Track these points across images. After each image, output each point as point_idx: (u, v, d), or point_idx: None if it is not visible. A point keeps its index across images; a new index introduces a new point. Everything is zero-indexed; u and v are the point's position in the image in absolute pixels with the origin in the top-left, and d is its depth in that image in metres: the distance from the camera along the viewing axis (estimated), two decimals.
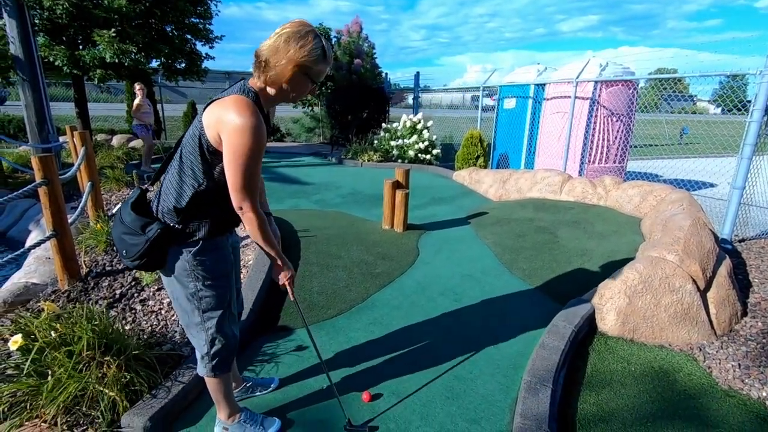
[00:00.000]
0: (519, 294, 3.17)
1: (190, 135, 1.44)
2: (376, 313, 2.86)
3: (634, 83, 6.93)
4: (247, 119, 1.30)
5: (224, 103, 1.34)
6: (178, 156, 1.47)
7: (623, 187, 4.72)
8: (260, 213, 1.44)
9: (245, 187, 1.37)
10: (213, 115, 1.35)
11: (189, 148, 1.43)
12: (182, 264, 1.50)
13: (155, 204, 1.52)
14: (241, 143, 1.31)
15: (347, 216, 5.07)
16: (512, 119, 8.08)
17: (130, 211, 1.48)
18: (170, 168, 1.51)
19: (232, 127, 1.30)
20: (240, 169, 1.34)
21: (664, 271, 2.76)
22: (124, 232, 1.48)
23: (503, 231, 4.43)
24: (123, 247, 1.49)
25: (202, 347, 1.61)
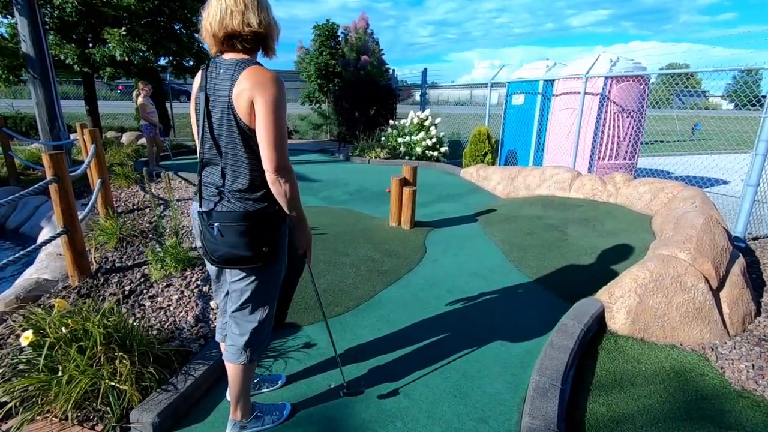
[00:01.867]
0: (527, 292, 3.15)
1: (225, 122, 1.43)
2: (383, 310, 2.85)
3: (646, 79, 6.82)
4: (270, 73, 1.37)
5: (251, 75, 1.36)
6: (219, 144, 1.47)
7: (634, 185, 4.66)
8: (293, 172, 1.45)
9: (283, 142, 1.38)
10: (247, 92, 1.36)
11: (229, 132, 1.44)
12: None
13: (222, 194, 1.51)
14: (271, 97, 1.34)
15: (354, 213, 5.07)
16: (521, 116, 8.00)
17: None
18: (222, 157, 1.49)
19: (266, 84, 1.34)
20: (277, 123, 1.35)
21: (675, 270, 2.72)
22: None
23: (511, 229, 4.40)
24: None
25: (248, 333, 1.63)
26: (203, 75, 1.46)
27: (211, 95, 1.43)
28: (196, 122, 1.52)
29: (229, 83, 1.38)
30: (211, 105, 1.43)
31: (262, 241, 1.48)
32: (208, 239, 1.48)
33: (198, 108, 1.49)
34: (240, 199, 1.47)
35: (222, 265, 1.52)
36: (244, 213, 1.45)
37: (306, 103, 13.45)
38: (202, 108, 1.44)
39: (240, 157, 1.44)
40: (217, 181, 1.49)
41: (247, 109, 1.36)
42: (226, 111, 1.40)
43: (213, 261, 1.51)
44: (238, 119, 1.39)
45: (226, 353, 1.68)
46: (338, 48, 12.12)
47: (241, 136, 1.41)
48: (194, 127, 1.55)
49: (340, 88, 11.99)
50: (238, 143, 1.42)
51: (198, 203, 1.53)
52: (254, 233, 1.46)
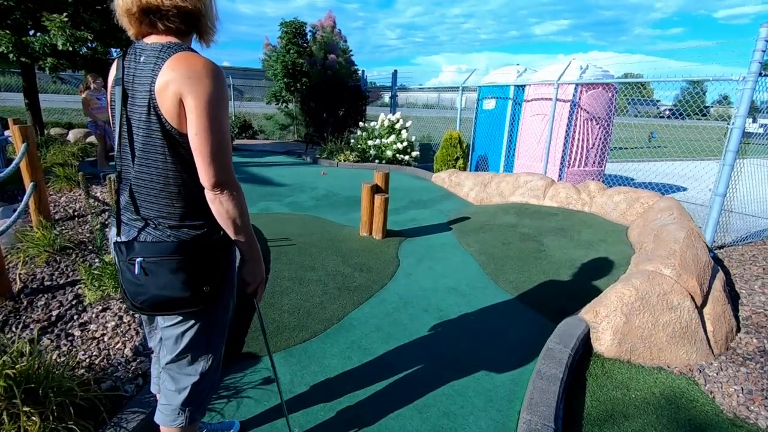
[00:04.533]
0: (508, 309, 2.95)
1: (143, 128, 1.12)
2: (354, 334, 2.57)
3: (614, 87, 6.89)
4: (205, 61, 1.08)
5: (179, 64, 1.06)
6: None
7: (608, 193, 4.60)
8: (240, 187, 1.17)
9: (224, 151, 1.10)
10: (173, 86, 1.06)
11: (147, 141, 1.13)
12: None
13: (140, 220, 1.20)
14: (207, 93, 1.06)
15: (322, 221, 4.76)
16: (492, 120, 7.93)
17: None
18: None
19: (201, 77, 1.05)
20: (214, 127, 1.07)
21: (661, 287, 2.59)
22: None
23: (487, 238, 4.23)
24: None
25: (186, 388, 1.31)
26: (119, 65, 1.15)
27: (130, 90, 1.12)
28: (113, 125, 1.19)
29: (150, 74, 1.07)
30: (130, 103, 1.12)
31: (203, 278, 1.17)
32: (128, 279, 1.15)
33: (114, 107, 1.17)
34: (171, 226, 1.16)
35: (148, 312, 1.18)
36: (177, 244, 1.14)
37: (272, 102, 12.96)
38: (119, 107, 1.13)
39: (169, 170, 1.13)
40: (142, 202, 1.17)
41: (174, 108, 1.07)
42: (146, 110, 1.09)
43: (135, 307, 1.17)
44: (162, 121, 1.08)
45: (159, 414, 1.35)
46: (306, 46, 11.74)
47: (168, 143, 1.11)
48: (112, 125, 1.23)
49: (307, 87, 11.60)
50: (163, 152, 1.11)
51: (116, 230, 1.21)
52: (192, 269, 1.15)
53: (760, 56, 4.20)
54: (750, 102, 4.35)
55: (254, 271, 1.28)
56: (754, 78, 4.26)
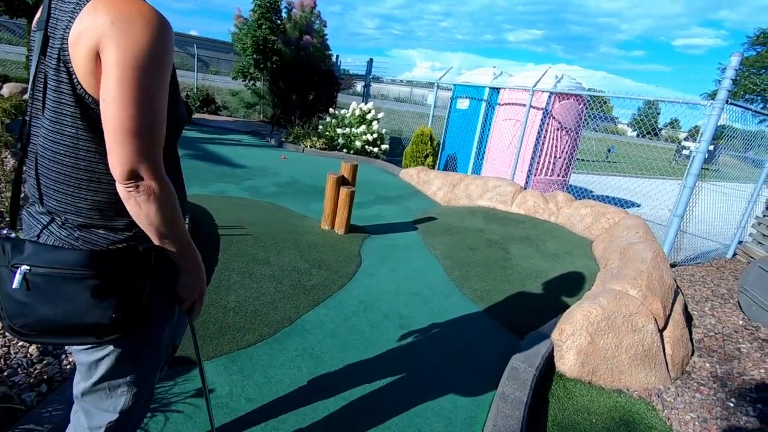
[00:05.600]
0: (471, 320, 2.82)
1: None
2: (307, 341, 2.33)
3: (585, 99, 6.97)
4: (143, 5, 0.79)
5: (103, 6, 0.77)
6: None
7: (575, 206, 4.60)
8: (169, 183, 0.85)
9: (147, 129, 0.79)
10: (91, 35, 0.77)
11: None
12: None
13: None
14: (137, 45, 0.76)
15: (282, 210, 4.45)
16: (464, 121, 7.84)
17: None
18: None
19: (130, 21, 0.76)
20: (139, 92, 0.77)
21: (627, 308, 2.54)
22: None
23: (453, 242, 4.09)
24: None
25: (101, 428, 1.01)
26: (45, 4, 0.85)
27: (51, 37, 0.82)
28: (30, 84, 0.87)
29: (68, 17, 0.79)
30: (49, 54, 0.82)
31: (120, 300, 0.86)
32: (5, 292, 0.83)
33: (31, 58, 0.86)
34: (81, 225, 0.87)
35: (33, 339, 0.87)
36: (87, 253, 0.85)
37: (239, 78, 12.28)
38: (35, 58, 0.84)
39: (80, 149, 0.84)
40: (46, 189, 0.88)
41: (88, 65, 0.78)
42: (55, 64, 0.80)
43: (17, 332, 0.85)
44: (74, 81, 0.80)
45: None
46: (280, 23, 11.16)
47: (80, 112, 0.82)
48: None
49: (278, 66, 11.05)
50: (74, 123, 0.82)
51: (9, 223, 0.92)
52: (105, 288, 0.84)
53: (729, 84, 4.30)
54: (715, 128, 4.46)
55: (189, 285, 1.00)
56: (720, 105, 4.36)
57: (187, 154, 6.38)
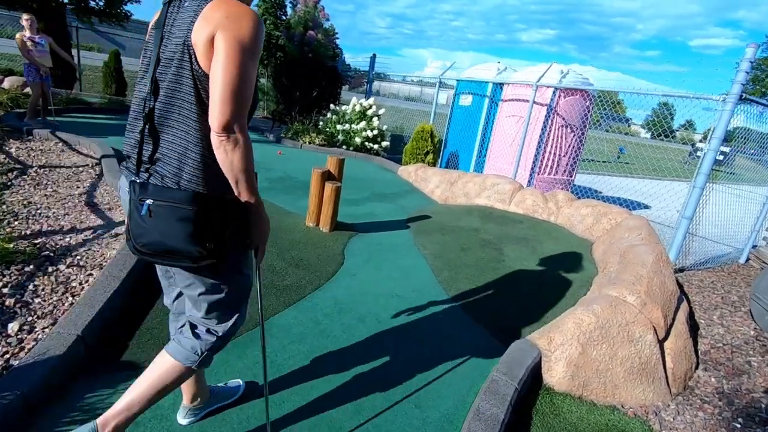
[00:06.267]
0: (454, 325, 2.62)
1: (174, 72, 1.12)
2: (269, 345, 2.16)
3: (591, 96, 6.71)
4: (249, 9, 1.10)
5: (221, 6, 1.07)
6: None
7: (576, 205, 4.36)
8: (249, 139, 1.11)
9: (241, 94, 1.05)
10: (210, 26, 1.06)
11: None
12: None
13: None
14: (241, 33, 1.05)
15: (268, 205, 4.27)
16: (467, 117, 7.62)
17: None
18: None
19: (239, 18, 1.06)
20: (238, 67, 1.04)
21: (624, 317, 2.32)
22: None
23: (445, 241, 3.89)
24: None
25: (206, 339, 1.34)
26: (162, 11, 1.17)
27: (166, 35, 1.14)
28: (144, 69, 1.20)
29: (191, 17, 1.08)
30: (163, 46, 1.13)
31: (209, 234, 1.13)
32: (134, 219, 1.12)
33: (150, 49, 1.17)
34: (189, 173, 1.14)
35: (148, 257, 1.14)
36: (192, 193, 1.12)
37: None
38: (155, 50, 1.14)
39: (192, 116, 1.12)
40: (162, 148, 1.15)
41: (205, 50, 1.06)
42: (179, 50, 1.09)
43: (136, 250, 1.14)
44: (193, 60, 1.08)
45: (173, 347, 1.34)
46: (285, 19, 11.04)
47: (195, 86, 1.10)
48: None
49: (281, 62, 10.93)
50: (190, 97, 1.11)
51: (134, 171, 1.18)
52: (200, 222, 1.11)
53: (743, 77, 4.03)
54: (727, 124, 4.19)
55: (257, 229, 1.24)
56: (734, 100, 4.09)
57: None
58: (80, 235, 2.85)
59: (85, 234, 2.87)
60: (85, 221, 3.10)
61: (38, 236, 2.76)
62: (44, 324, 1.95)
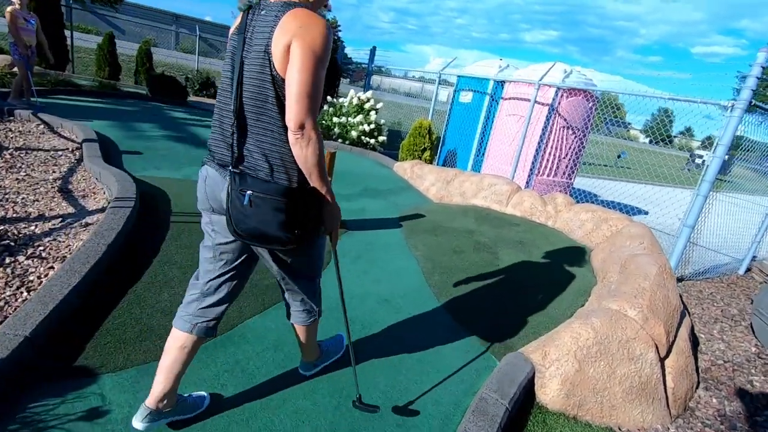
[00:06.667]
0: (444, 334, 2.46)
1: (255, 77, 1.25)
2: (243, 351, 1.99)
3: (594, 98, 6.55)
4: (321, 19, 1.21)
5: (296, 17, 1.19)
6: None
7: (575, 210, 4.20)
8: (320, 135, 1.25)
9: (313, 96, 1.19)
10: (287, 35, 1.18)
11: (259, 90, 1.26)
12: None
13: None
14: (314, 42, 1.18)
15: None
16: (466, 115, 7.44)
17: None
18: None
19: (311, 27, 1.18)
20: (311, 72, 1.17)
21: (624, 333, 2.17)
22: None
23: (438, 242, 3.73)
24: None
25: (311, 297, 1.65)
26: (243, 17, 1.29)
27: (248, 40, 1.26)
28: (229, 70, 1.32)
29: (270, 25, 1.20)
30: (246, 51, 1.26)
31: (297, 222, 1.30)
32: (236, 207, 1.26)
33: (232, 53, 1.31)
34: (275, 167, 1.28)
35: (247, 240, 1.30)
36: (283, 187, 1.27)
37: None
38: (239, 54, 1.27)
39: (268, 115, 1.26)
40: (250, 143, 1.29)
41: (282, 56, 1.19)
42: (261, 57, 1.22)
43: (237, 234, 1.29)
44: (272, 66, 1.21)
45: (297, 317, 1.68)
46: None
47: (275, 89, 1.23)
48: (223, 77, 1.38)
49: None
50: (269, 97, 1.24)
51: (230, 164, 1.30)
52: (290, 212, 1.27)
53: (753, 83, 3.88)
54: (735, 131, 4.04)
55: (330, 215, 1.39)
56: (743, 106, 3.94)
57: (166, 135, 6.04)
58: (47, 223, 2.67)
59: (53, 222, 2.69)
60: (55, 209, 2.91)
61: (1, 223, 2.57)
62: None
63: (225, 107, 1.31)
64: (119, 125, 6.14)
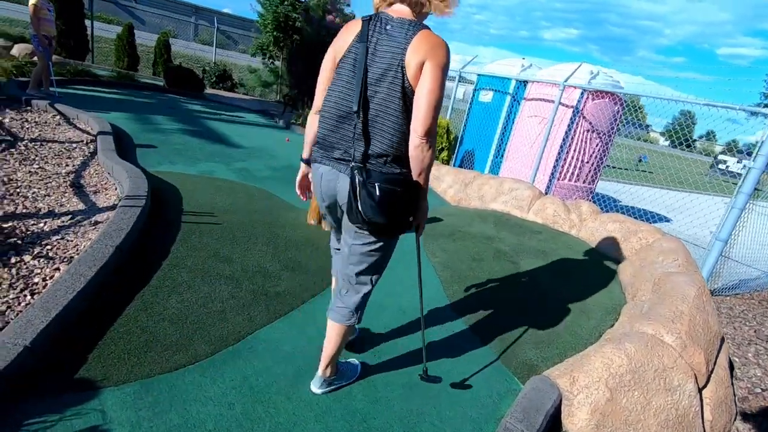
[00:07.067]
0: (463, 351, 2.32)
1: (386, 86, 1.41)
2: (252, 366, 1.88)
3: (622, 100, 6.30)
4: (444, 41, 1.40)
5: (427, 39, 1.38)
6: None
7: (602, 219, 4.00)
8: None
9: (438, 108, 1.39)
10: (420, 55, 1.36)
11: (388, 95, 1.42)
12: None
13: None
14: (442, 62, 1.37)
15: (269, 197, 4.00)
16: (486, 115, 7.24)
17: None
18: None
19: (440, 48, 1.38)
20: (440, 88, 1.37)
21: (661, 361, 2.00)
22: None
23: (456, 249, 3.58)
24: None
25: (360, 296, 1.68)
26: (363, 27, 1.44)
27: (371, 48, 1.42)
28: (331, 70, 1.52)
29: (402, 44, 1.38)
30: (370, 59, 1.42)
31: (410, 210, 1.50)
32: (365, 198, 1.39)
33: (353, 59, 1.45)
34: (392, 161, 1.45)
35: (366, 226, 1.46)
36: (402, 179, 1.44)
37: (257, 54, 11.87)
38: (362, 60, 1.42)
39: (399, 119, 1.42)
40: (374, 141, 1.44)
41: (415, 72, 1.36)
42: (393, 69, 1.39)
43: (363, 221, 1.43)
44: (405, 79, 1.38)
45: (335, 314, 1.69)
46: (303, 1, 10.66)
47: (403, 97, 1.40)
48: (323, 77, 1.55)
49: (296, 46, 10.58)
50: (399, 105, 1.41)
51: (354, 158, 1.45)
52: (406, 201, 1.46)
53: None
54: None
55: (422, 209, 1.56)
56: None
57: (181, 129, 5.99)
58: (56, 220, 2.60)
59: (62, 219, 2.61)
60: (65, 205, 2.84)
61: (10, 219, 2.50)
62: None
63: (343, 108, 1.45)
64: (135, 117, 6.11)
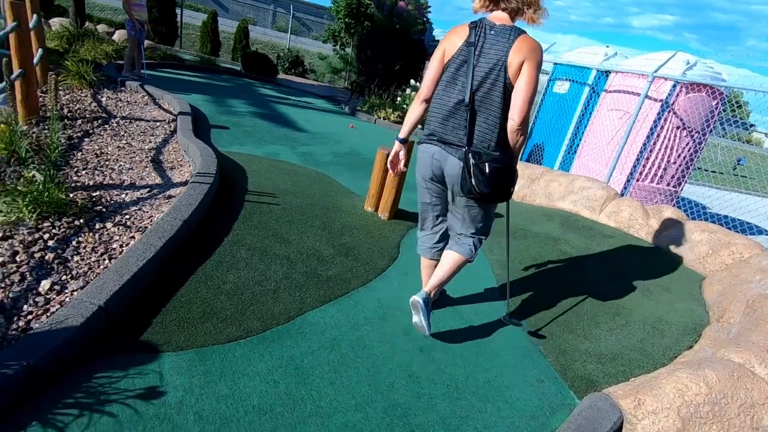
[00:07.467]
0: (515, 355, 2.19)
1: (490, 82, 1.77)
2: (299, 347, 1.91)
3: (721, 95, 5.57)
4: (539, 43, 1.73)
5: (526, 42, 1.71)
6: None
7: (688, 227, 3.58)
8: None
9: (533, 101, 1.73)
10: (520, 55, 1.70)
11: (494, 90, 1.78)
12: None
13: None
14: (538, 62, 1.71)
15: (329, 182, 4.06)
16: (560, 106, 6.78)
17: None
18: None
19: (537, 50, 1.71)
20: (536, 84, 1.71)
21: (749, 395, 1.74)
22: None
23: (517, 248, 3.40)
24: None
25: (480, 237, 2.08)
26: (471, 33, 1.78)
27: (476, 49, 1.76)
28: (441, 69, 1.87)
29: (505, 46, 1.71)
30: (476, 59, 1.76)
31: (510, 182, 1.86)
32: (478, 176, 1.75)
33: (463, 59, 1.79)
34: (497, 146, 1.81)
35: (479, 199, 1.85)
36: (510, 160, 1.82)
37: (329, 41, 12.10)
38: (471, 61, 1.76)
39: (500, 111, 1.77)
40: (479, 129, 1.81)
41: (516, 70, 1.70)
42: (497, 68, 1.73)
43: (473, 193, 1.80)
44: (507, 76, 1.72)
45: (460, 248, 2.05)
46: None
47: (504, 91, 1.74)
48: (432, 72, 1.89)
49: (366, 32, 10.60)
50: (500, 98, 1.75)
51: (465, 142, 1.81)
52: (511, 177, 1.85)
53: None
54: None
55: (515, 184, 1.92)
56: None
57: (252, 112, 6.26)
58: (136, 192, 2.82)
59: (141, 192, 2.83)
60: (145, 178, 3.08)
61: (98, 189, 2.75)
62: (75, 286, 1.87)
63: (451, 100, 1.82)
64: (212, 99, 6.49)
